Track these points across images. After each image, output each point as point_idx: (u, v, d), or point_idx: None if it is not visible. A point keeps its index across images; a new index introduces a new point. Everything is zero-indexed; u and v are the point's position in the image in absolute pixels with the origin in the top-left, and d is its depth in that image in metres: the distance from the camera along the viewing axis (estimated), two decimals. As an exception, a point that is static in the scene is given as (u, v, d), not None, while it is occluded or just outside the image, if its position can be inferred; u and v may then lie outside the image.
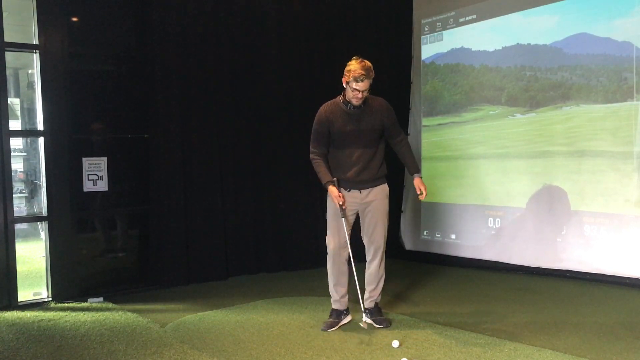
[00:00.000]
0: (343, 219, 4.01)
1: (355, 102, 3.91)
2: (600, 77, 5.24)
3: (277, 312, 4.54)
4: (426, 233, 6.72)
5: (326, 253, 4.18)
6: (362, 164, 4.02)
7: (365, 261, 4.22)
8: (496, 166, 6.05)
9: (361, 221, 4.17)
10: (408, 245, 6.88)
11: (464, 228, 6.32)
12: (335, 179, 4.03)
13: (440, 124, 6.64)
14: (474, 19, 6.24)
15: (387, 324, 4.12)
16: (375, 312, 4.17)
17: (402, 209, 6.99)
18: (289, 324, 4.22)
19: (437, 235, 6.61)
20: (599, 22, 5.22)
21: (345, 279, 4.16)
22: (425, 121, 6.79)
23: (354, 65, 3.82)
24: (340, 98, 4.01)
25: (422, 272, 6.07)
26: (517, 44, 5.87)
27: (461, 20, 6.37)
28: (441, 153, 6.60)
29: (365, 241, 4.17)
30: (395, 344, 3.66)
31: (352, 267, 4.08)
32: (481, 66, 6.20)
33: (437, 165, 6.63)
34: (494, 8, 6.05)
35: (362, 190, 4.07)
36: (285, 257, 6.16)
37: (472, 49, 6.28)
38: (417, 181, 4.18)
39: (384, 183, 4.17)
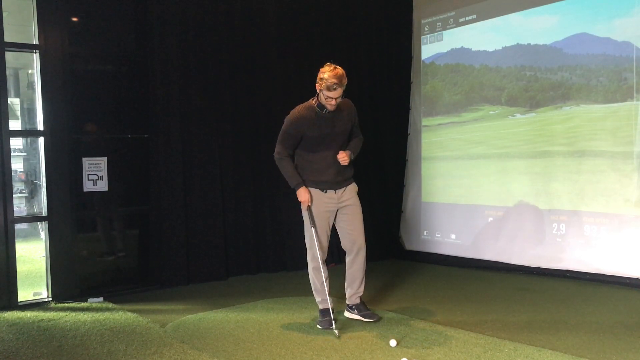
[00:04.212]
0: (321, 222, 4.11)
1: (329, 108, 3.97)
2: (600, 77, 5.24)
3: (277, 312, 4.54)
4: (426, 233, 6.73)
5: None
6: (338, 165, 4.10)
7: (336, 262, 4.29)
8: (496, 166, 6.05)
9: (338, 222, 4.21)
10: (408, 245, 6.88)
11: (464, 228, 6.32)
12: (302, 180, 4.09)
13: (440, 124, 6.64)
14: (474, 19, 6.24)
15: (377, 317, 4.21)
16: (362, 307, 4.25)
17: (402, 209, 6.99)
18: (289, 324, 4.22)
19: (437, 235, 6.61)
20: (599, 22, 5.22)
21: (328, 278, 4.22)
22: (425, 121, 6.79)
23: (326, 74, 3.85)
24: (314, 102, 4.04)
25: (422, 272, 6.07)
26: (517, 44, 5.87)
27: (461, 20, 6.37)
28: (441, 153, 6.60)
29: (346, 241, 4.19)
30: (393, 343, 3.67)
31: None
32: (481, 66, 6.20)
33: (437, 165, 6.63)
34: (494, 8, 6.05)
35: (337, 191, 4.15)
36: (285, 257, 6.16)
37: (472, 49, 6.29)
38: (344, 152, 4.10)
39: (353, 182, 4.26)
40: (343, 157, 4.06)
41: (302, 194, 4.05)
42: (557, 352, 3.49)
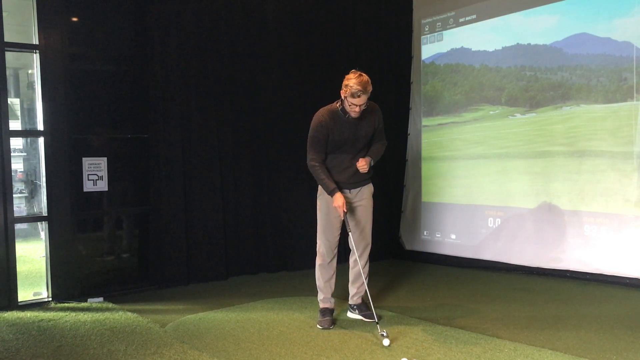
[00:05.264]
0: (332, 220, 4.15)
1: (353, 115, 3.96)
2: (600, 77, 5.24)
3: (277, 312, 4.54)
4: (426, 233, 6.73)
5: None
6: (354, 168, 4.12)
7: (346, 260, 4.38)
8: (496, 166, 6.06)
9: (348, 221, 4.21)
10: (408, 245, 6.88)
11: (464, 228, 6.32)
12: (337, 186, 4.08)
13: (440, 124, 6.64)
14: (474, 19, 6.24)
15: (378, 317, 4.18)
16: (363, 307, 4.27)
17: (402, 209, 6.99)
18: (289, 324, 4.22)
19: (437, 235, 6.61)
20: (599, 22, 5.22)
21: (334, 279, 4.29)
22: (425, 121, 6.79)
23: (352, 81, 3.83)
24: (338, 105, 4.03)
25: (422, 272, 6.07)
26: (517, 44, 5.87)
27: (461, 20, 6.37)
28: (441, 153, 6.60)
29: (354, 240, 4.19)
30: (386, 342, 3.67)
31: (358, 266, 4.24)
32: (481, 66, 6.21)
33: (437, 165, 6.63)
34: (494, 8, 6.05)
35: (351, 190, 4.17)
36: (285, 257, 6.16)
37: (472, 49, 6.29)
38: (365, 159, 4.10)
39: (369, 182, 4.27)
40: (362, 166, 4.06)
41: (337, 199, 4.00)
42: (557, 351, 3.49)
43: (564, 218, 5.48)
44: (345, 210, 4.02)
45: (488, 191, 6.13)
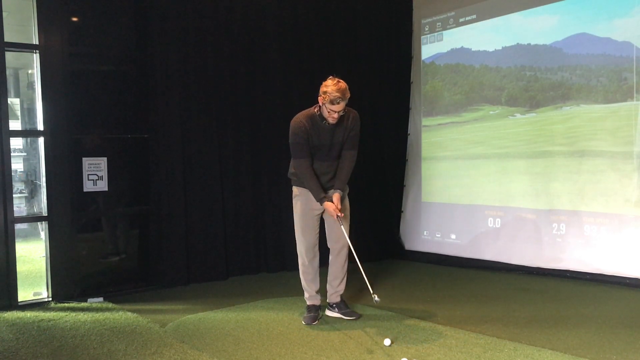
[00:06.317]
0: (309, 221, 4.20)
1: (331, 121, 3.99)
2: (600, 77, 5.24)
3: (277, 312, 4.55)
4: (426, 233, 6.73)
5: (327, 253, 4.34)
6: (332, 173, 4.17)
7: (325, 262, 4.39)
8: (496, 166, 6.06)
9: (326, 221, 4.26)
10: (408, 245, 6.88)
11: (464, 228, 6.32)
12: (326, 195, 4.10)
13: (440, 124, 6.64)
14: (474, 19, 6.24)
15: (358, 315, 4.28)
16: (342, 305, 4.32)
17: (402, 209, 6.99)
18: (289, 324, 4.22)
19: (437, 235, 6.61)
20: (599, 22, 5.23)
21: (317, 277, 4.34)
22: (425, 121, 6.79)
23: (330, 88, 3.85)
24: (316, 111, 4.04)
25: (422, 272, 6.07)
26: (517, 44, 5.88)
27: (461, 20, 6.37)
28: (441, 153, 6.60)
29: (330, 239, 4.23)
30: (387, 342, 3.68)
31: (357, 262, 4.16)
32: (481, 66, 6.21)
33: (437, 165, 6.63)
34: (494, 8, 6.05)
35: (327, 191, 4.19)
36: (285, 257, 6.15)
37: (472, 49, 6.29)
38: (335, 197, 4.07)
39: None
40: (338, 215, 4.01)
41: (328, 209, 4.06)
42: (557, 351, 3.49)
43: (564, 218, 5.48)
44: (339, 215, 4.02)
45: (488, 191, 6.13)
